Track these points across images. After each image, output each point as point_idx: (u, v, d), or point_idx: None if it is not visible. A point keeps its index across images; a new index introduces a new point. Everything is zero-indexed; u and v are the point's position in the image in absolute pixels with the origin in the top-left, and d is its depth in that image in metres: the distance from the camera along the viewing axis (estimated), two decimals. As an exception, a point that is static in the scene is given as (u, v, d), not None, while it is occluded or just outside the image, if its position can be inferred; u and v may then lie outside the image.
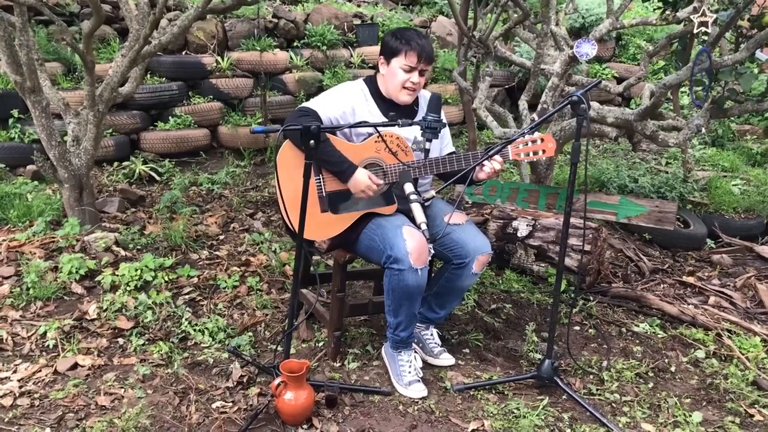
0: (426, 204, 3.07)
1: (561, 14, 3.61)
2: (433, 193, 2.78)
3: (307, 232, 2.95)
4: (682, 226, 5.25)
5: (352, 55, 7.32)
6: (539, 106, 3.55)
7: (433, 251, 3.05)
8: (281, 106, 6.75)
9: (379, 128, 2.83)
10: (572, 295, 4.09)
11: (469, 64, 5.28)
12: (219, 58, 6.66)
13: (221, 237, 4.62)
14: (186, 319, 3.49)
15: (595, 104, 4.22)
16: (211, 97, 6.56)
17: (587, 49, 3.14)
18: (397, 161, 2.98)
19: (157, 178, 5.84)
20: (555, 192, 4.50)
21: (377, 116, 3.08)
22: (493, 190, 4.53)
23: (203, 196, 5.53)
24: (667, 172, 6.14)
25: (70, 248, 4.04)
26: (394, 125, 2.76)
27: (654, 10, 6.41)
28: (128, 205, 5.10)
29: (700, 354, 3.54)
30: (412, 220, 2.81)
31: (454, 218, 3.20)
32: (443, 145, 3.28)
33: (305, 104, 3.03)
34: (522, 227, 4.31)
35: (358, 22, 7.59)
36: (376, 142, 3.00)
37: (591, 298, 4.12)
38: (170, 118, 6.30)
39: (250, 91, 6.70)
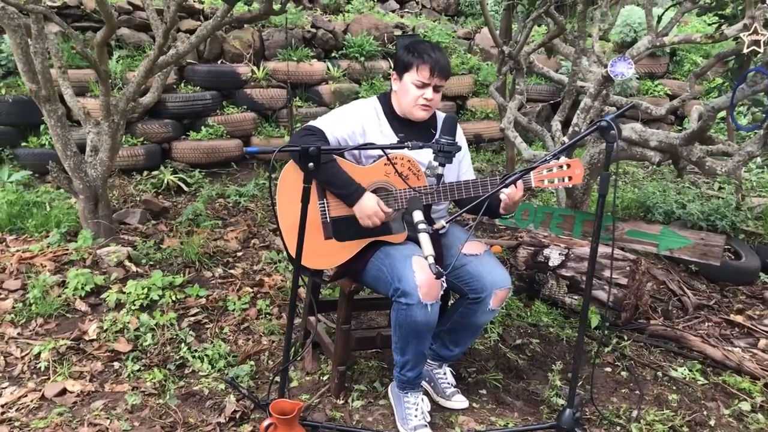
0: (441, 232, 2.83)
1: (595, 29, 3.33)
2: (443, 223, 2.55)
3: (309, 261, 2.75)
4: (733, 257, 4.86)
5: (390, 67, 7.12)
6: (570, 129, 3.28)
7: (445, 284, 2.81)
8: (315, 117, 6.56)
9: (388, 150, 2.61)
10: (604, 333, 3.78)
11: (506, 79, 5.02)
12: (255, 68, 6.55)
13: (239, 254, 4.46)
14: (187, 344, 3.32)
15: (637, 126, 3.91)
16: (245, 107, 6.46)
17: (623, 68, 2.86)
18: (407, 186, 2.75)
19: (186, 188, 5.73)
20: (592, 219, 4.20)
21: (389, 136, 2.86)
22: (525, 213, 4.26)
23: (229, 209, 5.39)
24: (719, 198, 5.74)
25: (80, 262, 3.92)
26: (402, 147, 2.53)
27: (710, 24, 6.03)
28: (150, 216, 4.99)
29: (745, 407, 3.19)
30: (423, 250, 2.58)
31: (471, 248, 2.96)
32: (462, 171, 3.03)
33: (312, 122, 2.83)
34: (554, 256, 4.02)
35: (398, 33, 7.39)
36: (386, 165, 2.77)
37: (626, 337, 3.80)
38: (203, 127, 6.21)
39: (284, 102, 6.56)
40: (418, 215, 2.55)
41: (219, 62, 6.59)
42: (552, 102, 7.36)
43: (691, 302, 4.32)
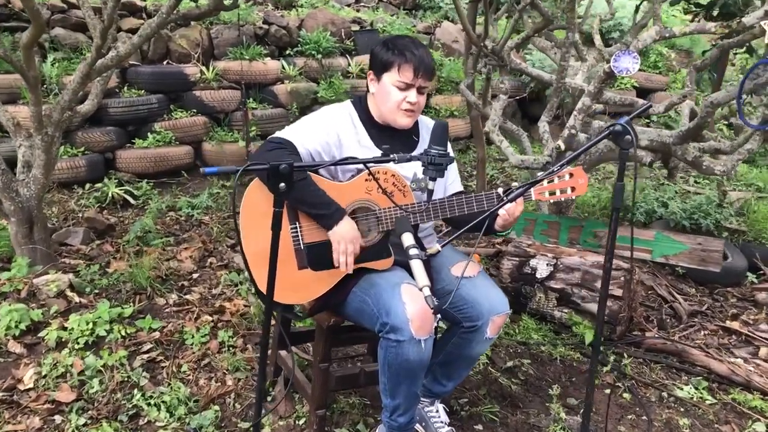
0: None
1: (596, 20, 3.02)
2: (438, 247, 2.20)
3: (281, 295, 2.37)
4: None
5: (350, 64, 6.73)
6: (565, 131, 2.96)
7: (439, 314, 2.46)
8: (271, 120, 6.16)
9: (370, 165, 2.24)
10: (601, 349, 3.49)
11: (477, 76, 4.69)
12: (204, 68, 6.08)
13: (195, 275, 4.03)
14: (140, 388, 2.90)
15: (626, 124, 3.62)
16: (195, 110, 5.98)
17: (627, 63, 2.55)
18: (392, 204, 2.39)
19: (133, 201, 5.24)
20: (578, 225, 3.91)
21: (368, 147, 2.50)
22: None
23: (181, 223, 4.94)
24: (697, 194, 5.53)
25: (14, 294, 3.46)
26: (388, 161, 2.17)
27: (686, 13, 5.82)
28: (94, 235, 4.51)
29: (760, 428, 2.94)
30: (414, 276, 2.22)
31: (462, 269, 2.62)
32: (448, 182, 2.68)
33: (279, 133, 2.45)
34: (541, 267, 3.71)
35: (356, 28, 7.01)
36: (367, 180, 2.41)
37: (625, 354, 3.51)
38: (149, 134, 5.72)
39: (237, 104, 6.11)
40: (408, 239, 2.17)
41: (165, 63, 6.10)
42: (517, 98, 7.07)
43: (684, 309, 4.07)
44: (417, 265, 2.09)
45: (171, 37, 6.08)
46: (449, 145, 2.47)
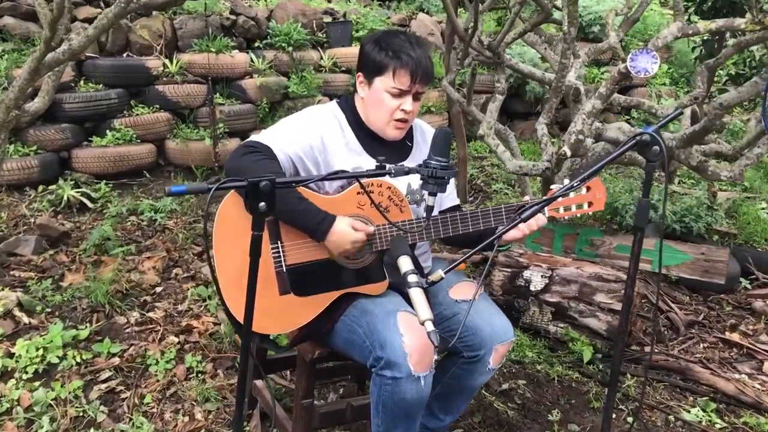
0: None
1: (611, 13, 2.76)
2: (441, 273, 1.92)
3: (260, 323, 2.07)
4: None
5: (322, 58, 6.40)
6: (571, 137, 2.69)
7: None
8: (240, 116, 5.81)
9: (364, 176, 1.94)
10: (600, 368, 3.27)
11: (461, 72, 4.43)
12: (167, 61, 5.69)
13: (159, 289, 3.69)
14: (97, 426, 2.57)
15: (625, 126, 3.39)
16: (158, 106, 5.59)
17: (646, 62, 2.29)
18: (387, 221, 2.10)
19: (90, 205, 4.86)
20: (573, 232, 3.67)
21: (357, 151, 2.20)
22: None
23: (143, 229, 4.58)
24: (684, 194, 5.34)
25: (-46, 315, 3.09)
26: (384, 174, 1.87)
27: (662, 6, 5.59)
28: (47, 244, 4.13)
29: (777, 456, 2.73)
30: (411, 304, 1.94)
31: (462, 291, 2.36)
32: (444, 194, 2.40)
33: (255, 137, 2.13)
34: (535, 279, 3.46)
35: (329, 19, 6.68)
36: (359, 193, 2.11)
37: (625, 372, 3.28)
38: (108, 131, 5.33)
39: (203, 99, 5.74)
40: (405, 263, 1.89)
41: (125, 55, 5.69)
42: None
43: (681, 320, 3.85)
44: (417, 295, 1.81)
45: (131, 27, 5.67)
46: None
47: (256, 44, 6.24)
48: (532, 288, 3.46)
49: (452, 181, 2.45)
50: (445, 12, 4.30)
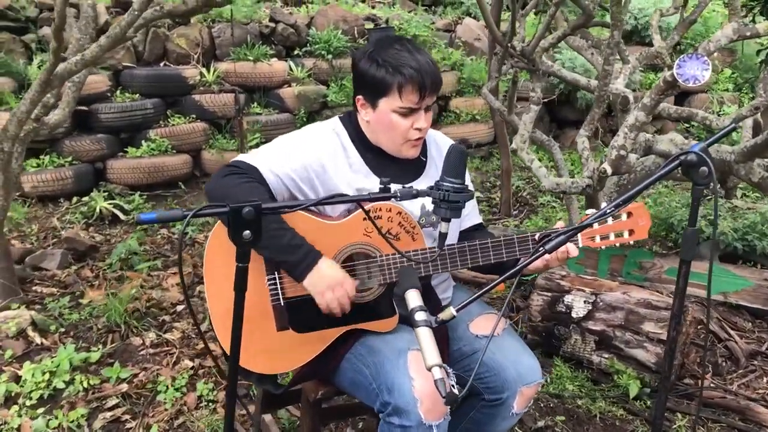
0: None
1: (656, 15, 2.49)
2: (452, 311, 1.68)
3: (256, 362, 1.89)
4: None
5: (363, 65, 6.22)
6: (612, 152, 2.42)
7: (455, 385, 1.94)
8: (277, 126, 5.68)
9: (366, 200, 1.73)
10: (648, 404, 2.97)
11: (502, 79, 4.17)
12: (204, 70, 5.61)
13: (180, 307, 3.55)
14: (97, 460, 2.42)
15: (678, 138, 3.08)
16: (194, 116, 5.52)
17: (695, 69, 2.02)
18: (396, 251, 1.87)
19: (122, 217, 4.79)
20: (621, 253, 3.38)
21: (362, 172, 1.98)
22: (536, 247, 3.42)
23: (173, 242, 4.47)
24: (747, 210, 4.94)
25: (-34, 334, 3.01)
26: (388, 198, 1.65)
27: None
28: (73, 258, 4.05)
29: None
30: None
31: (483, 325, 2.11)
32: (464, 212, 2.15)
33: (243, 156, 1.93)
34: (578, 305, 3.18)
35: (370, 26, 6.50)
36: (365, 219, 1.90)
37: (675, 410, 2.97)
38: (143, 142, 5.27)
39: (240, 108, 5.63)
40: (413, 298, 1.65)
41: (162, 64, 5.64)
42: (546, 100, 6.51)
43: (741, 350, 3.50)
44: (425, 336, 1.57)
45: (168, 36, 5.62)
46: (467, 174, 1.96)
47: (296, 52, 6.11)
48: (573, 315, 3.18)
49: (473, 200, 2.23)
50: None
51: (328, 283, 1.83)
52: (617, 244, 1.98)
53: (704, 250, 4.12)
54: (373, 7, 7.23)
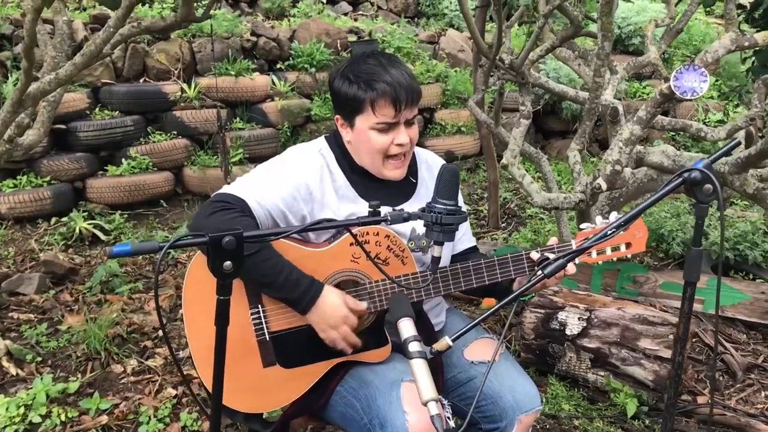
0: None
1: (651, 25, 2.42)
2: (448, 341, 1.59)
3: (241, 401, 1.79)
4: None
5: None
6: (607, 167, 2.35)
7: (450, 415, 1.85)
8: (260, 141, 5.59)
9: (355, 225, 1.64)
10: (646, 423, 2.89)
11: (489, 92, 4.11)
12: (185, 86, 5.51)
13: (162, 332, 3.43)
14: (75, 500, 2.31)
15: (669, 149, 3.02)
16: (175, 133, 5.41)
17: (693, 81, 1.96)
18: (386, 277, 1.78)
19: (103, 237, 4.67)
20: (614, 268, 3.31)
21: (351, 199, 1.90)
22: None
23: (155, 263, 4.35)
24: (738, 219, 4.90)
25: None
26: (378, 222, 1.57)
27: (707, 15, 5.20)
28: (51, 282, 3.92)
29: None
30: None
31: (480, 351, 2.03)
32: (458, 235, 2.07)
33: (227, 189, 1.84)
34: (572, 322, 3.10)
35: (353, 38, 6.43)
36: (353, 244, 1.81)
37: (675, 428, 2.90)
38: (123, 160, 5.16)
39: (219, 124, 5.53)
40: (407, 327, 1.56)
41: (141, 81, 5.53)
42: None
43: (738, 364, 3.44)
44: (420, 368, 1.49)
45: (148, 52, 5.52)
46: (460, 195, 1.87)
47: (278, 66, 6.03)
48: (568, 332, 3.10)
49: (466, 222, 2.15)
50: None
51: (337, 317, 1.75)
52: (614, 259, 1.91)
53: (729, 279, 4.06)
54: (355, 20, 7.17)
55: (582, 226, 1.95)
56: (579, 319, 3.10)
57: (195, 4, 3.29)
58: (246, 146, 5.49)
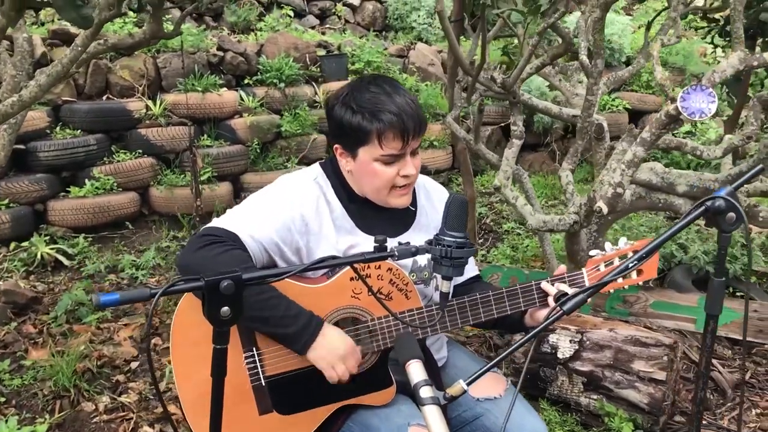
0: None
1: (657, 44, 2.37)
2: (463, 385, 1.47)
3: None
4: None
5: (317, 93, 6.03)
6: (608, 189, 2.27)
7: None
8: (229, 158, 5.43)
9: (361, 262, 1.52)
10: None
11: (467, 107, 4.03)
12: (150, 103, 5.32)
13: (135, 364, 3.26)
14: None
15: (657, 166, 2.98)
16: (140, 151, 5.22)
17: (700, 102, 1.88)
18: (390, 314, 1.67)
19: (66, 262, 4.45)
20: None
21: (348, 230, 1.78)
22: (513, 281, 3.26)
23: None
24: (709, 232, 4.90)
25: None
26: (385, 257, 1.45)
27: (697, 29, 5.23)
28: (13, 313, 3.71)
29: None
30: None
31: (486, 387, 1.92)
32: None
33: (217, 222, 1.70)
34: (563, 345, 3.02)
35: (322, 53, 6.31)
36: (353, 279, 1.69)
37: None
38: (87, 180, 4.95)
39: (189, 141, 5.35)
40: (416, 371, 1.45)
41: (104, 98, 5.32)
42: (502, 125, 6.44)
43: (727, 381, 3.40)
44: (433, 415, 1.38)
45: (111, 68, 5.32)
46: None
47: (246, 81, 5.88)
48: (559, 355, 3.01)
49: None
50: (446, 40, 3.92)
51: (339, 354, 1.62)
52: (626, 286, 1.84)
53: (677, 275, 4.03)
54: (323, 33, 7.06)
55: (592, 252, 1.86)
56: (571, 341, 3.02)
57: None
58: (214, 164, 5.33)
